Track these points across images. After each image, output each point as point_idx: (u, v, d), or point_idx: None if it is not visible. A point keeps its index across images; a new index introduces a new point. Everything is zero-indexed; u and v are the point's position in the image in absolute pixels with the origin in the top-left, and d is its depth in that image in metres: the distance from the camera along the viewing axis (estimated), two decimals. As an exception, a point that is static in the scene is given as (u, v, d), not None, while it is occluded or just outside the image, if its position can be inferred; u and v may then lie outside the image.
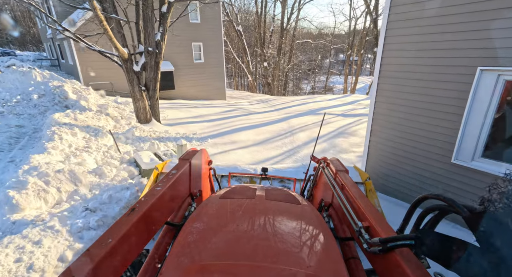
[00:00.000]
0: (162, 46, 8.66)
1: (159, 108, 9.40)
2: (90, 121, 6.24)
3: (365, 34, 27.92)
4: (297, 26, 32.43)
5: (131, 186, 3.74)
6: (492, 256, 0.85)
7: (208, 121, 10.91)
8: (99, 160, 4.77)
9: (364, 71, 48.81)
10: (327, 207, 2.02)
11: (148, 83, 8.82)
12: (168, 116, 10.88)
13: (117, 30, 7.45)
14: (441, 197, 1.13)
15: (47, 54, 21.79)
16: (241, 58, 32.29)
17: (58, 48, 17.10)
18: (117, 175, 4.26)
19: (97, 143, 5.24)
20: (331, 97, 19.83)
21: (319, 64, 43.81)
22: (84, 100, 8.19)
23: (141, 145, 6.30)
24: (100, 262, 0.98)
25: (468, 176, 3.68)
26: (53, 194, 3.19)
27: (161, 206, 1.50)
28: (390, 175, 4.58)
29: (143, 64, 8.54)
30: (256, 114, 12.88)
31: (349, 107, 15.15)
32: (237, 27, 29.36)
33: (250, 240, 1.18)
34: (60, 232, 2.59)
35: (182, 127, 9.52)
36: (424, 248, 1.04)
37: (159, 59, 8.68)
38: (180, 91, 17.66)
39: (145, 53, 8.46)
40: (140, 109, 8.67)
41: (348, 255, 1.51)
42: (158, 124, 9.09)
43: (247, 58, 29.20)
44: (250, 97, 24.70)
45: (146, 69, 8.63)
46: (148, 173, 5.17)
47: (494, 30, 3.16)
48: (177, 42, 16.63)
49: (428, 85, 3.86)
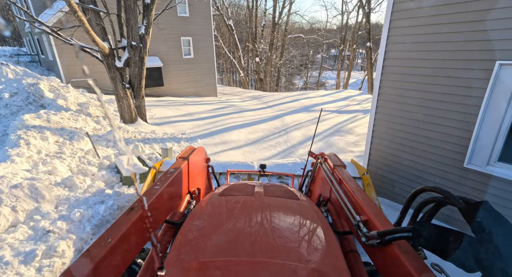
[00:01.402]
0: (147, 40, 8.08)
1: (145, 107, 8.84)
2: (66, 122, 5.67)
3: (357, 29, 27.63)
4: (289, 20, 31.89)
5: (107, 198, 3.27)
6: (488, 246, 0.86)
7: (198, 119, 10.40)
8: (73, 167, 4.26)
9: (355, 66, 48.81)
10: (325, 202, 2.03)
11: (133, 80, 8.24)
12: (155, 115, 10.32)
13: (95, 23, 6.83)
14: (437, 189, 1.13)
15: (27, 49, 20.65)
16: (232, 54, 31.59)
17: (37, 43, 16.13)
18: (92, 185, 3.75)
19: (72, 148, 4.71)
20: (324, 92, 19.51)
21: (311, 59, 43.50)
22: (63, 98, 7.56)
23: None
24: (100, 262, 0.97)
25: (482, 182, 3.35)
26: (5, 215, 2.63)
27: (160, 205, 1.50)
28: (396, 180, 4.23)
29: (127, 60, 7.94)
30: (249, 111, 12.42)
31: (343, 103, 14.85)
32: (228, 21, 28.65)
33: (250, 237, 1.17)
34: (10, 264, 2.10)
35: (171, 127, 8.99)
36: (421, 240, 1.05)
37: (143, 54, 8.09)
38: (169, 88, 17.00)
39: (128, 47, 7.87)
40: (124, 108, 8.10)
41: (347, 248, 1.52)
42: (144, 124, 8.55)
43: (238, 54, 28.55)
44: (242, 93, 24.17)
45: (130, 65, 8.04)
46: (129, 180, 4.68)
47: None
48: (165, 36, 15.92)
49: (438, 81, 3.49)
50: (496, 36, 2.95)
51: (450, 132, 3.51)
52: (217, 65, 48.73)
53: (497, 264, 0.82)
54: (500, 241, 0.85)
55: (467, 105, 3.30)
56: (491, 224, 0.89)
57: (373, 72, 24.12)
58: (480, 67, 3.12)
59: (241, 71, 29.67)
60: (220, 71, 49.07)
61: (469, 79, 3.24)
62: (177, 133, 8.19)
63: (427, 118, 3.69)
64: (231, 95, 22.79)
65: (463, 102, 3.34)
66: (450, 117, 3.48)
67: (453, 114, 3.45)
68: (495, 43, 2.97)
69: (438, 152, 3.68)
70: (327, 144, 7.72)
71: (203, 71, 18.51)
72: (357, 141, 7.66)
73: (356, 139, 7.82)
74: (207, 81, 18.91)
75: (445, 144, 3.59)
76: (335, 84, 43.90)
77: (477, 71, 3.15)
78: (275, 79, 35.17)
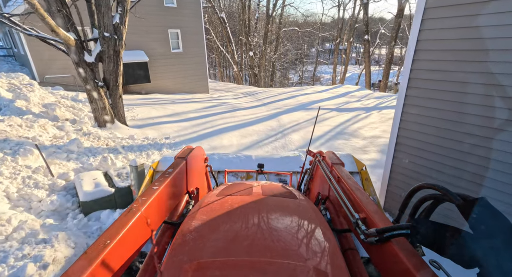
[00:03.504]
0: (122, 30, 6.98)
1: (123, 107, 7.79)
2: (15, 131, 4.62)
3: (354, 21, 26.60)
4: (283, 12, 30.69)
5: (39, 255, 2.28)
6: (485, 242, 0.87)
7: (186, 120, 9.39)
8: (12, 193, 3.28)
9: (350, 60, 47.90)
10: (324, 200, 2.02)
11: (107, 77, 7.17)
12: (138, 116, 9.27)
13: (56, 8, 5.73)
14: (435, 186, 1.14)
15: (3, 43, 19.11)
16: (225, 48, 30.30)
17: (10, 35, 14.75)
18: (24, 222, 2.74)
19: (14, 166, 3.70)
20: (321, 88, 18.58)
21: (306, 53, 42.44)
22: (24, 99, 6.47)
23: (90, 160, 4.78)
24: (99, 264, 0.97)
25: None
26: None
27: (159, 205, 1.48)
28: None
29: (99, 54, 6.86)
30: (242, 110, 11.44)
31: (342, 99, 13.98)
32: (220, 14, 27.39)
33: (249, 236, 1.17)
34: None
35: (153, 129, 7.98)
36: (419, 237, 1.05)
37: (119, 47, 7.01)
38: (157, 85, 15.83)
39: (100, 39, 6.78)
40: (98, 110, 7.04)
41: (346, 246, 1.53)
42: (122, 127, 7.51)
43: (231, 47, 27.34)
44: (235, 89, 23.11)
45: (103, 60, 6.96)
46: (90, 206, 3.71)
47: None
48: (151, 28, 14.70)
49: (494, 80, 2.60)
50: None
51: (509, 149, 2.63)
52: (210, 60, 47.27)
53: (495, 260, 0.83)
54: (497, 237, 0.86)
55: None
56: (488, 220, 0.90)
57: (370, 66, 23.30)
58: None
59: (235, 66, 28.52)
60: (213, 65, 47.59)
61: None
62: (159, 138, 7.20)
63: (474, 129, 2.80)
64: (224, 91, 21.71)
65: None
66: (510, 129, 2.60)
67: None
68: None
69: (493, 175, 2.81)
70: (330, 149, 6.82)
71: (194, 66, 17.34)
72: (364, 146, 6.79)
73: (364, 144, 6.95)
74: (197, 77, 17.75)
75: (502, 166, 2.71)
76: (331, 79, 43.01)
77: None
78: (270, 74, 34.10)
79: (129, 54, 14.40)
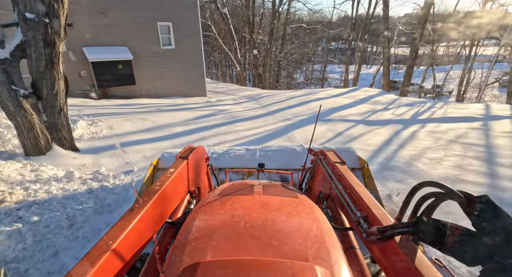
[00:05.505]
0: (58, 11, 4.58)
1: (68, 124, 5.40)
2: None
3: (370, 16, 23.95)
4: (290, 7, 28.15)
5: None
6: (487, 240, 0.87)
7: (167, 138, 7.00)
8: None
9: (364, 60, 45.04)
10: (325, 199, 2.05)
11: (39, 82, 4.78)
12: (102, 132, 6.89)
13: None
14: (437, 184, 1.13)
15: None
16: (228, 46, 27.85)
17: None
18: None
19: None
20: (336, 92, 16.03)
21: (313, 52, 39.79)
22: None
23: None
24: (101, 265, 0.97)
25: None
26: None
27: (161, 205, 1.50)
28: None
29: (20, 46, 4.48)
30: (243, 121, 9.00)
31: (366, 107, 11.41)
32: (222, 9, 24.98)
33: (251, 236, 1.15)
34: None
35: (115, 155, 5.59)
36: (421, 235, 1.06)
37: (54, 36, 4.62)
38: (144, 87, 13.46)
39: (21, 23, 4.40)
40: (22, 131, 4.66)
41: (347, 245, 1.54)
42: (64, 155, 5.12)
43: (234, 45, 24.89)
44: (237, 91, 20.69)
45: (28, 55, 4.59)
46: None
47: None
48: (132, 19, 12.33)
49: None
50: None
51: None
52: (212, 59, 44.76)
53: (497, 257, 0.83)
54: (500, 234, 0.85)
55: None
56: (490, 218, 0.90)
57: (389, 66, 20.65)
58: None
59: (237, 65, 26.08)
60: (216, 64, 45.04)
61: None
62: (117, 173, 4.80)
63: None
64: (224, 94, 19.28)
65: None
66: None
67: None
68: None
69: None
70: (386, 202, 4.33)
71: (188, 66, 14.92)
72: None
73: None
74: (193, 78, 15.32)
75: None
76: (339, 79, 40.29)
77: None
78: (275, 74, 31.58)
79: (109, 51, 12.04)
